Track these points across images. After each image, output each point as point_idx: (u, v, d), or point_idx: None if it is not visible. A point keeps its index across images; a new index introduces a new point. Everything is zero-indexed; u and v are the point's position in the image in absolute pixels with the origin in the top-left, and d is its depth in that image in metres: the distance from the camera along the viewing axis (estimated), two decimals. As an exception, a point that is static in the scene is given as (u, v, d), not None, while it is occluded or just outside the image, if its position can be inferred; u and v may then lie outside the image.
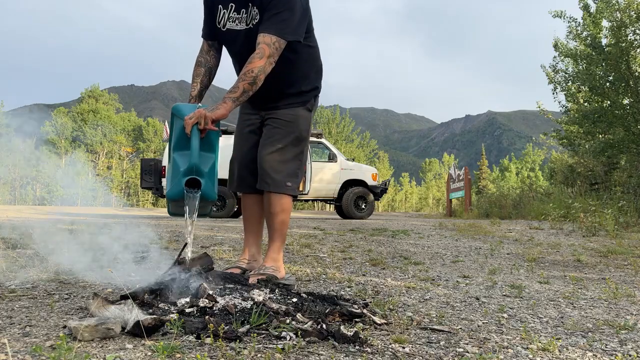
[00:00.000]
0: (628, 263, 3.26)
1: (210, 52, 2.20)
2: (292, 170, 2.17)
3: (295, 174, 2.19)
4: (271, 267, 2.14)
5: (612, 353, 1.29)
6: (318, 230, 5.90)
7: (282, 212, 2.19)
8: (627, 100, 10.98)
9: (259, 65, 1.91)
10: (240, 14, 2.06)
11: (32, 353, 1.13)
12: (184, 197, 1.76)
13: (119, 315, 1.32)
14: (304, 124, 2.22)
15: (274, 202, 2.17)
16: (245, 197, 2.36)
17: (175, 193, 1.78)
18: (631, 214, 7.37)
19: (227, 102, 1.89)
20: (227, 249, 3.66)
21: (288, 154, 2.17)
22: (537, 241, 4.81)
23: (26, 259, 2.74)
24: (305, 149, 2.26)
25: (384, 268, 2.85)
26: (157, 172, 11.58)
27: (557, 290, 2.26)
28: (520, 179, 46.49)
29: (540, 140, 16.73)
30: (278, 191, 2.14)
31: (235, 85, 1.91)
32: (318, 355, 1.18)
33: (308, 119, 2.25)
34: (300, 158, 2.22)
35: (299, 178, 2.21)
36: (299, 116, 2.21)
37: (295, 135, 2.18)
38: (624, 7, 10.62)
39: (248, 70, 1.91)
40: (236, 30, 2.08)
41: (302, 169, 2.24)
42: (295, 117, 2.19)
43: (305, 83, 2.22)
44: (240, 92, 1.90)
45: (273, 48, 1.94)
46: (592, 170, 12.07)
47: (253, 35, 2.01)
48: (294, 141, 2.18)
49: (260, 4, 1.99)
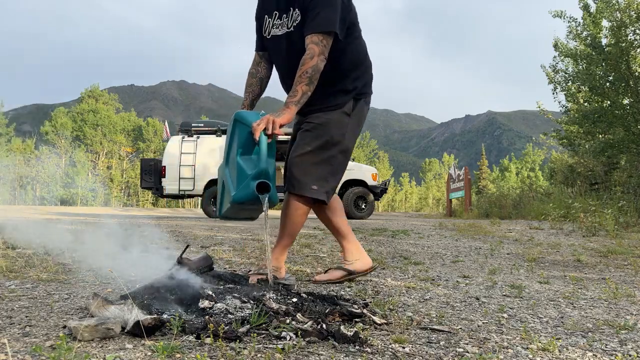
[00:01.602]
0: (628, 263, 3.26)
1: (261, 64, 2.28)
2: (320, 174, 2.11)
3: (324, 178, 2.12)
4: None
5: (612, 353, 1.29)
6: (318, 230, 5.90)
7: (296, 214, 2.16)
8: (627, 100, 10.98)
9: (312, 64, 1.93)
10: (282, 20, 2.12)
11: (32, 353, 1.13)
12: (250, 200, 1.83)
13: (119, 315, 1.32)
14: (336, 128, 2.14)
15: (291, 202, 2.14)
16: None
17: (243, 196, 1.84)
18: (631, 214, 7.37)
19: (290, 106, 1.92)
20: (227, 249, 3.66)
21: (316, 157, 2.11)
22: (537, 241, 4.81)
23: (26, 259, 2.74)
24: (341, 155, 2.17)
25: (384, 268, 2.85)
26: (157, 172, 11.58)
27: (557, 290, 2.26)
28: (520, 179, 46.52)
29: (540, 140, 16.74)
30: (301, 193, 2.09)
31: (294, 89, 1.94)
32: (318, 355, 1.18)
33: (343, 122, 2.16)
34: (332, 162, 2.14)
35: (330, 183, 2.14)
36: (331, 120, 2.14)
37: (325, 139, 2.12)
38: (624, 7, 10.62)
39: (303, 72, 1.94)
40: (278, 35, 2.13)
41: (335, 174, 2.17)
42: (327, 120, 2.14)
43: (344, 83, 2.16)
44: (300, 94, 1.93)
45: (322, 46, 1.96)
46: (592, 170, 12.07)
47: (293, 38, 2.06)
48: (323, 145, 2.12)
49: (302, 4, 2.03)
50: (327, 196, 2.12)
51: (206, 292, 1.49)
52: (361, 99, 2.22)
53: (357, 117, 2.22)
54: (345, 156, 2.20)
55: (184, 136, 11.54)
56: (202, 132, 11.56)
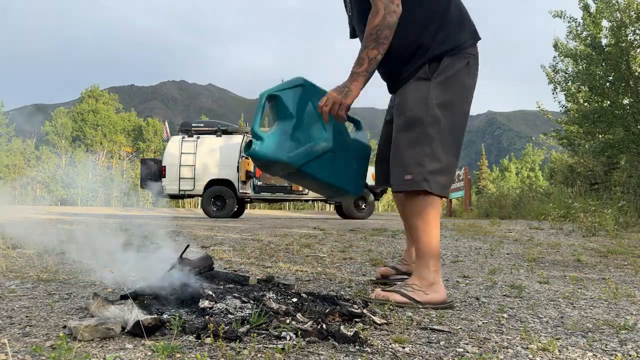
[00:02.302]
0: (628, 263, 3.26)
1: None
2: (412, 158, 1.73)
3: (419, 163, 1.72)
4: (412, 285, 1.76)
5: (612, 353, 1.29)
6: (318, 230, 5.90)
7: (415, 216, 1.78)
8: (627, 100, 10.98)
9: (375, 22, 1.67)
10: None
11: (32, 353, 1.13)
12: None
13: (119, 315, 1.32)
14: (413, 101, 1.75)
15: (407, 202, 1.82)
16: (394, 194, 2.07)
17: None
18: (631, 214, 7.37)
19: (357, 78, 1.69)
20: (227, 249, 3.66)
21: (404, 140, 1.77)
22: (537, 241, 4.81)
23: (26, 259, 2.74)
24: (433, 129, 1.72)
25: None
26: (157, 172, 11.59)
27: (557, 290, 2.26)
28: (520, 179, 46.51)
29: (540, 140, 16.73)
30: (399, 189, 1.79)
31: (359, 56, 1.69)
32: (318, 355, 1.18)
33: (421, 90, 1.75)
34: (423, 141, 1.72)
35: (427, 166, 1.71)
36: (406, 92, 1.78)
37: (406, 117, 1.76)
38: (624, 7, 10.62)
39: (367, 35, 1.69)
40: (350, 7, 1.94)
41: (435, 154, 1.72)
42: (403, 95, 1.79)
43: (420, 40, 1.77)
44: (366, 62, 1.68)
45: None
46: (592, 170, 12.07)
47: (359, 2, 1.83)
48: (404, 126, 1.77)
49: None
50: (428, 184, 1.71)
51: (206, 292, 1.49)
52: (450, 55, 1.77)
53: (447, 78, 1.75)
54: (441, 129, 1.73)
55: (184, 136, 11.55)
56: (202, 132, 11.57)
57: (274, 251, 3.55)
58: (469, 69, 1.80)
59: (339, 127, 1.87)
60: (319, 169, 1.82)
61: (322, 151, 1.80)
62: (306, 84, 1.79)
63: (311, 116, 1.79)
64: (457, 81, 1.77)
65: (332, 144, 1.83)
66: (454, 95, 1.77)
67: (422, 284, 1.75)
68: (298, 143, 1.75)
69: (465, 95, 1.80)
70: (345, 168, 1.91)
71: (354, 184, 1.97)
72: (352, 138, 1.97)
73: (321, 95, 1.79)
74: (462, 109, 1.80)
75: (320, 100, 1.75)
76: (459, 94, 1.79)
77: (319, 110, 1.73)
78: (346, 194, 1.98)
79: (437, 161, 1.73)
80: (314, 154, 1.78)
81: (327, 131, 1.82)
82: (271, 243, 4.15)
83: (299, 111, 1.77)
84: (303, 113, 1.77)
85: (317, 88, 1.84)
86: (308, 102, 1.79)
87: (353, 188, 1.97)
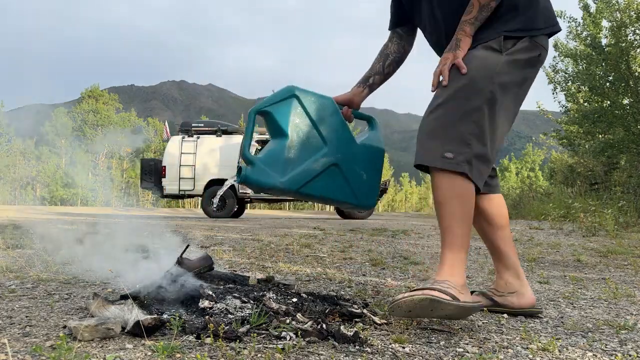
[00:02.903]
0: (628, 263, 3.26)
1: (392, 40, 1.86)
2: (457, 134, 1.45)
3: (464, 141, 1.45)
4: (442, 282, 1.42)
5: (612, 353, 1.29)
6: (318, 230, 5.90)
7: (448, 200, 1.48)
8: (627, 100, 10.99)
9: None
10: None
11: (32, 353, 1.13)
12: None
13: (119, 315, 1.32)
14: (478, 68, 1.48)
15: (435, 182, 1.51)
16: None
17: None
18: (631, 214, 7.38)
19: (463, 27, 1.51)
20: (227, 249, 3.66)
21: (450, 110, 1.48)
22: (537, 241, 4.81)
23: (26, 259, 2.74)
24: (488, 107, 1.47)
25: (384, 268, 2.85)
26: (157, 172, 11.60)
27: (557, 290, 2.26)
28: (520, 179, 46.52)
29: (540, 140, 16.74)
30: (433, 164, 1.48)
31: (470, 3, 1.50)
32: (318, 355, 1.18)
33: (489, 61, 1.48)
34: (475, 117, 1.46)
35: (474, 148, 1.45)
36: (472, 57, 1.51)
37: (462, 83, 1.47)
38: (624, 7, 10.63)
39: None
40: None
41: (483, 136, 1.46)
42: (467, 59, 1.51)
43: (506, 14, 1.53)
44: (476, 9, 1.49)
45: None
46: (592, 170, 12.08)
47: None
48: (458, 91, 1.47)
49: None
50: (470, 168, 1.45)
51: (206, 292, 1.49)
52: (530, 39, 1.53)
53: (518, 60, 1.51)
54: (495, 112, 1.48)
55: (184, 136, 11.56)
56: (202, 132, 11.58)
57: (274, 251, 3.55)
58: (537, 62, 1.56)
59: (343, 135, 1.70)
60: (321, 188, 1.65)
61: (322, 168, 1.64)
62: (298, 94, 1.62)
63: (308, 130, 1.63)
64: (524, 69, 1.54)
65: (335, 157, 1.66)
66: (518, 81, 1.53)
67: (457, 282, 1.44)
68: (294, 163, 1.59)
69: (525, 88, 1.57)
70: (354, 180, 1.72)
71: (365, 196, 1.76)
72: (361, 143, 1.75)
73: (319, 102, 1.65)
74: (518, 101, 1.58)
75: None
76: (522, 83, 1.55)
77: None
78: (357, 207, 1.79)
79: (484, 146, 1.47)
80: (313, 173, 1.62)
81: (327, 144, 1.65)
82: (271, 243, 4.15)
83: (293, 126, 1.61)
84: (298, 127, 1.61)
85: (312, 95, 1.65)
86: (303, 113, 1.62)
87: (364, 201, 1.76)
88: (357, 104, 1.82)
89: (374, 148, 1.78)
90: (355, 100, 1.81)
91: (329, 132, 1.66)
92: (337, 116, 1.69)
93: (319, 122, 1.64)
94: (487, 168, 1.51)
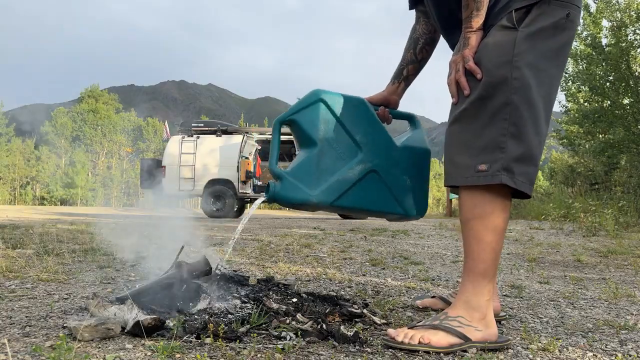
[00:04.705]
0: (628, 263, 3.26)
1: (419, 20, 1.69)
2: (484, 142, 1.28)
3: (496, 146, 1.26)
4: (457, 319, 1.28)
5: (612, 353, 1.29)
6: (318, 230, 5.90)
7: (476, 219, 1.31)
8: (627, 100, 11.00)
9: None
10: None
11: (32, 353, 1.13)
12: None
13: (119, 315, 1.32)
14: (489, 56, 1.29)
15: (462, 200, 1.35)
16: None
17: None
18: (631, 214, 7.38)
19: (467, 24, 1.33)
20: (227, 249, 3.65)
21: (474, 116, 1.30)
22: (537, 241, 4.81)
23: (26, 259, 2.73)
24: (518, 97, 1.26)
25: (384, 268, 2.85)
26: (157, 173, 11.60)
27: (557, 290, 2.25)
28: (520, 179, 46.44)
29: (540, 140, 16.72)
30: (464, 183, 1.31)
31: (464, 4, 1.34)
32: (318, 355, 1.18)
33: (503, 44, 1.28)
34: (502, 115, 1.26)
35: (510, 151, 1.25)
36: (483, 47, 1.31)
37: (477, 85, 1.30)
38: (624, 7, 10.64)
39: None
40: None
41: (519, 133, 1.26)
42: (479, 51, 1.32)
43: None
44: (472, 3, 1.32)
45: None
46: (592, 170, 12.08)
47: None
48: (478, 91, 1.29)
49: None
50: (512, 176, 1.25)
51: (206, 292, 1.49)
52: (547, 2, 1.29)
53: (540, 30, 1.29)
54: (530, 98, 1.27)
55: (184, 136, 11.55)
56: (202, 132, 11.57)
57: (274, 251, 3.55)
58: (567, 23, 1.32)
59: (379, 138, 1.55)
60: (359, 198, 1.50)
61: (359, 176, 1.49)
62: (325, 98, 1.49)
63: (339, 136, 1.49)
64: (553, 37, 1.30)
65: (372, 163, 1.51)
66: (549, 54, 1.31)
67: (473, 316, 1.27)
68: (326, 174, 1.46)
69: (563, 56, 1.35)
70: (396, 187, 1.55)
71: (411, 204, 1.57)
72: (402, 145, 1.59)
73: (349, 104, 1.52)
74: (558, 73, 1.36)
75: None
76: (557, 53, 1.32)
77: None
78: (405, 217, 1.61)
79: (524, 144, 1.27)
80: (349, 183, 1.48)
81: (362, 149, 1.50)
82: (271, 243, 4.15)
83: (323, 133, 1.47)
84: (328, 134, 1.47)
85: (341, 97, 1.52)
86: (332, 118, 1.49)
87: (411, 209, 1.58)
88: (394, 102, 1.66)
89: (417, 149, 1.61)
90: (391, 99, 1.66)
91: (362, 135, 1.52)
92: (371, 118, 1.56)
93: (350, 126, 1.50)
94: (534, 168, 1.29)
